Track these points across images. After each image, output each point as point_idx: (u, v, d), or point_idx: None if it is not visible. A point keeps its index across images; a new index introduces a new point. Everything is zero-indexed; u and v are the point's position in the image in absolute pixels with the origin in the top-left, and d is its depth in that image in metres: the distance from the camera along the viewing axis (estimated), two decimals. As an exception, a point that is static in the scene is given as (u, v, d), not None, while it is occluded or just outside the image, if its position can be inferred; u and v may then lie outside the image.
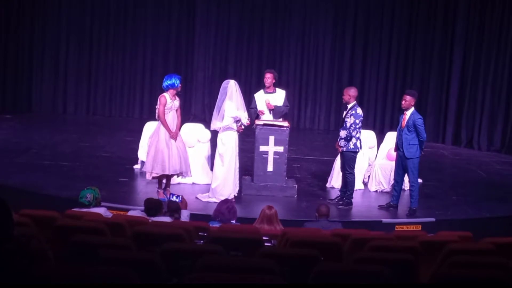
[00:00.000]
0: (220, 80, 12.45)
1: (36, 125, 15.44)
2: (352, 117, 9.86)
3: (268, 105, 10.65)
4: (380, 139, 11.88)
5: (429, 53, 16.28)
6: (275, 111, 10.68)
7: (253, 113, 10.62)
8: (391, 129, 12.67)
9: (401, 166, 9.86)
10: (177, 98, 9.82)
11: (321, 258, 5.25)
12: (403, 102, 9.71)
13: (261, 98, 10.77)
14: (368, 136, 11.46)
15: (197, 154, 10.92)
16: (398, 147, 9.84)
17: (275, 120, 10.61)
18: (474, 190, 11.69)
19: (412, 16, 16.48)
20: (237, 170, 10.02)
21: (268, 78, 10.79)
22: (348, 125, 9.86)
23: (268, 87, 10.78)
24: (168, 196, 8.92)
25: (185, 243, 5.79)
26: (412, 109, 9.69)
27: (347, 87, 10.40)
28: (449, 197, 11.09)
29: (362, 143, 10.13)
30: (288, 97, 11.14)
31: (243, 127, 9.95)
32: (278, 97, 10.79)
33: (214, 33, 17.03)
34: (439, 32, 16.09)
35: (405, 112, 9.73)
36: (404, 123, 9.70)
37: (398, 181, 10.04)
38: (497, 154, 15.26)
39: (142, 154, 11.14)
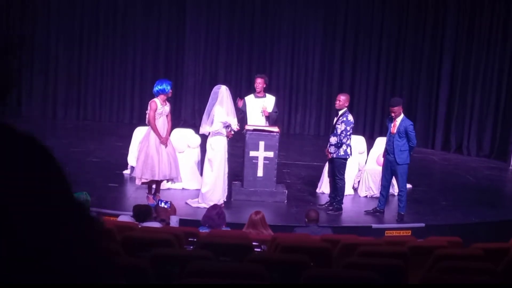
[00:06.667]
0: (210, 85, 12.47)
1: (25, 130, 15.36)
2: (343, 124, 9.85)
3: (264, 111, 10.66)
4: (370, 145, 11.91)
5: (418, 59, 16.35)
6: (269, 118, 10.71)
7: (239, 115, 10.52)
8: (381, 135, 12.71)
9: (390, 171, 9.83)
10: (168, 104, 9.80)
11: (310, 263, 5.25)
12: (393, 114, 9.62)
13: (251, 102, 10.77)
14: (358, 142, 11.48)
15: (187, 159, 10.91)
16: (388, 152, 9.83)
17: (265, 125, 10.61)
18: (464, 195, 11.73)
19: (402, 22, 16.54)
20: (226, 175, 10.02)
21: (259, 83, 10.75)
22: (339, 131, 9.85)
23: (259, 92, 10.78)
24: (157, 202, 8.91)
25: (175, 249, 5.77)
26: (402, 115, 9.69)
27: (341, 93, 10.39)
28: (438, 202, 11.11)
29: (352, 149, 10.14)
30: (278, 103, 11.13)
31: (233, 132, 9.94)
32: (268, 102, 10.77)
33: (204, 38, 17.04)
34: (429, 38, 16.16)
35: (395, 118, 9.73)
36: (394, 129, 9.67)
37: (385, 185, 10.02)
38: (486, 159, 15.32)
39: (131, 160, 11.10)
